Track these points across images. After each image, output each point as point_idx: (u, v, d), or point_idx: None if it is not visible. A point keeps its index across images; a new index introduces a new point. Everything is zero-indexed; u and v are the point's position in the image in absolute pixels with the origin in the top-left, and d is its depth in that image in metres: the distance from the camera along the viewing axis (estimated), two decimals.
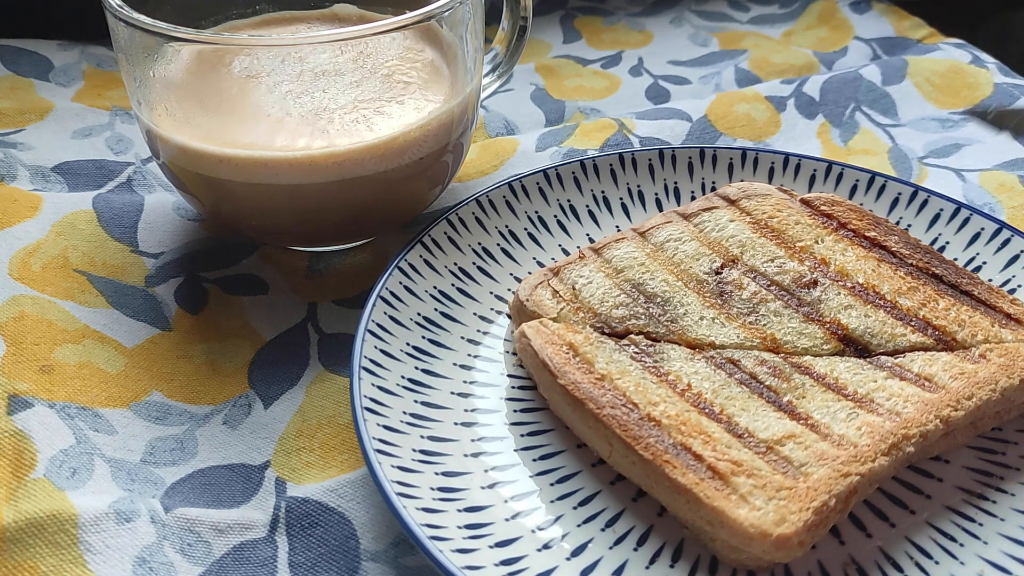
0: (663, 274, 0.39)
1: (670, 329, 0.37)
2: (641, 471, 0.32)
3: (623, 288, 0.39)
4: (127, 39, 0.39)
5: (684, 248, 0.41)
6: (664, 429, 0.32)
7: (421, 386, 0.37)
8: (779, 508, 0.30)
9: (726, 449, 0.32)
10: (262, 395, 0.39)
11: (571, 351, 0.36)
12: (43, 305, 0.41)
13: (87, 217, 0.47)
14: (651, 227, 0.42)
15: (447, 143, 0.43)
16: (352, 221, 0.44)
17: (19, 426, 0.35)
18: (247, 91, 0.41)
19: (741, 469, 0.31)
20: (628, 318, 0.37)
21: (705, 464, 0.31)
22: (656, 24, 0.73)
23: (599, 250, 0.41)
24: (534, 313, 0.38)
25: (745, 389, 0.34)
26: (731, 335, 0.37)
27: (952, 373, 0.35)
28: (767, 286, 0.39)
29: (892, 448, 0.32)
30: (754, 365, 0.35)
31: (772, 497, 0.30)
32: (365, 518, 0.34)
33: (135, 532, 0.33)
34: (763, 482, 0.30)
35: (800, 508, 0.30)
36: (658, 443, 0.32)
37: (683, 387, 0.34)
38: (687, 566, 0.31)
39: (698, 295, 0.38)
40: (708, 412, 0.33)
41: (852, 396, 0.34)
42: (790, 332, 0.37)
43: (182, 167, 0.41)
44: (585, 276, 0.40)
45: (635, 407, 0.33)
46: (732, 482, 0.30)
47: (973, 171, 0.53)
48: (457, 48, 0.43)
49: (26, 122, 0.55)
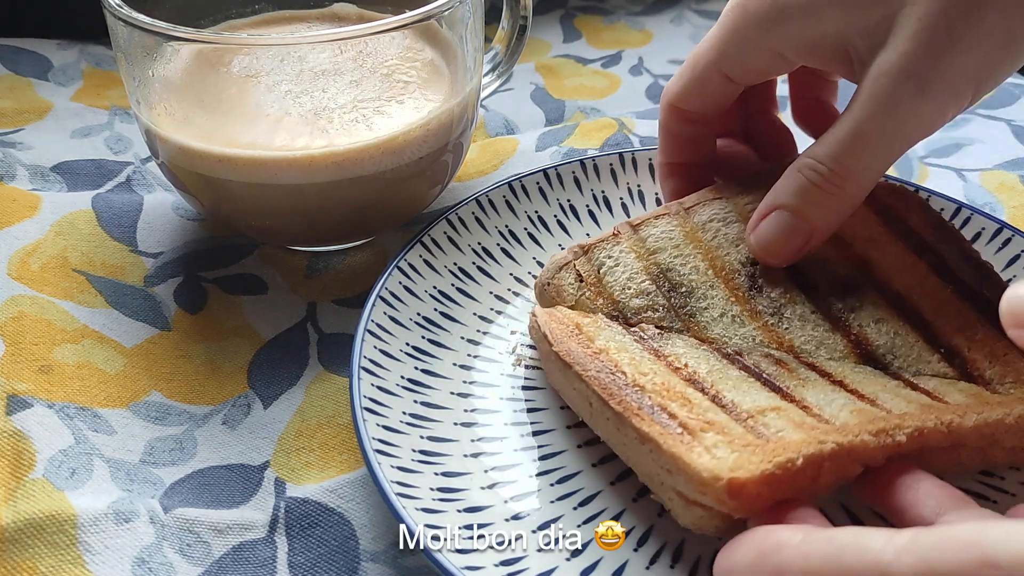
0: (696, 260, 0.38)
1: (687, 324, 0.36)
2: (613, 427, 0.31)
3: (650, 273, 0.37)
4: (126, 38, 0.39)
5: (726, 231, 0.39)
6: (646, 392, 0.31)
7: (421, 386, 0.37)
8: (739, 458, 0.28)
9: (703, 412, 0.30)
10: (261, 395, 0.39)
11: (576, 328, 0.35)
12: (42, 305, 0.41)
13: (86, 217, 0.47)
14: (698, 203, 0.40)
15: (447, 143, 0.43)
16: (352, 221, 0.44)
17: (18, 426, 0.35)
18: (246, 90, 0.41)
19: (712, 427, 0.29)
20: (645, 309, 0.36)
21: (677, 421, 0.30)
22: (656, 23, 0.73)
23: (637, 227, 0.39)
24: (553, 299, 0.38)
25: (744, 373, 0.33)
26: (747, 336, 0.35)
27: (967, 393, 0.32)
28: (800, 286, 0.37)
29: (881, 432, 0.29)
30: (760, 357, 0.34)
31: (736, 450, 0.28)
32: (365, 518, 0.34)
33: (134, 532, 0.33)
34: (731, 438, 0.29)
35: (761, 460, 0.27)
36: (634, 401, 0.31)
37: (679, 366, 0.33)
38: (687, 566, 0.31)
39: (726, 288, 0.37)
40: (697, 386, 0.32)
41: (855, 392, 0.32)
42: (810, 341, 0.35)
43: (181, 167, 0.41)
44: (614, 258, 0.38)
45: (623, 375, 0.32)
46: (699, 437, 0.29)
47: (974, 171, 0.53)
48: (457, 47, 0.43)
49: (25, 122, 0.55)
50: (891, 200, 0.40)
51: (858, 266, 0.37)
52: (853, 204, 0.35)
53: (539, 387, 0.38)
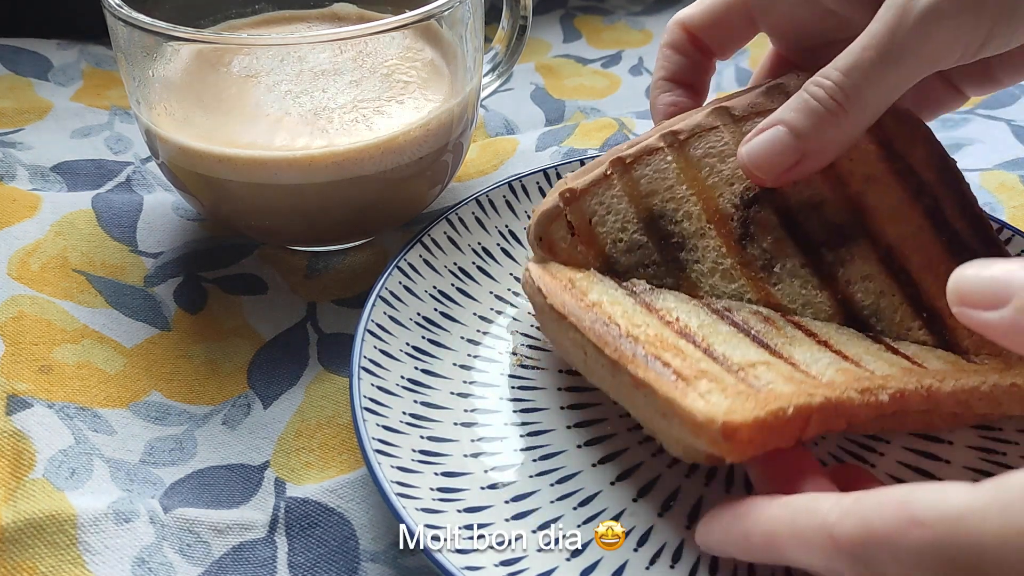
0: (689, 204, 0.37)
1: (677, 280, 0.36)
2: (608, 374, 0.32)
3: (642, 219, 0.37)
4: (126, 38, 0.39)
5: (721, 168, 0.37)
6: (639, 343, 0.32)
7: (421, 386, 0.37)
8: (733, 403, 0.29)
9: (696, 362, 0.31)
10: (261, 395, 0.39)
11: (569, 283, 0.35)
12: (42, 305, 0.41)
13: (86, 217, 0.47)
14: (692, 134, 0.38)
15: (447, 142, 0.43)
16: (352, 221, 0.44)
17: (18, 426, 0.35)
18: (246, 90, 0.41)
19: (705, 376, 0.30)
20: (636, 266, 0.37)
21: (671, 369, 0.30)
22: (656, 23, 0.73)
23: (630, 165, 0.38)
24: (545, 253, 0.38)
25: (733, 329, 0.34)
26: (737, 292, 0.36)
27: (945, 360, 0.34)
28: (793, 235, 0.36)
29: (865, 391, 0.30)
30: (749, 314, 0.35)
31: (729, 396, 0.29)
32: (365, 518, 0.34)
33: (134, 532, 0.33)
34: (723, 386, 0.30)
35: (754, 407, 0.28)
36: (629, 350, 0.31)
37: (671, 320, 0.34)
38: (687, 566, 0.31)
39: (717, 236, 0.36)
40: (689, 339, 0.33)
41: (839, 353, 0.33)
42: (797, 299, 0.36)
43: (181, 167, 0.41)
44: (605, 205, 0.37)
45: (617, 326, 0.32)
46: (693, 383, 0.30)
47: (974, 171, 0.53)
48: (457, 47, 0.43)
49: (25, 122, 0.55)
50: (896, 130, 0.38)
51: (853, 212, 0.36)
52: (853, 130, 0.34)
53: (539, 387, 0.38)
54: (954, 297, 0.27)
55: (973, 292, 0.26)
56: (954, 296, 0.27)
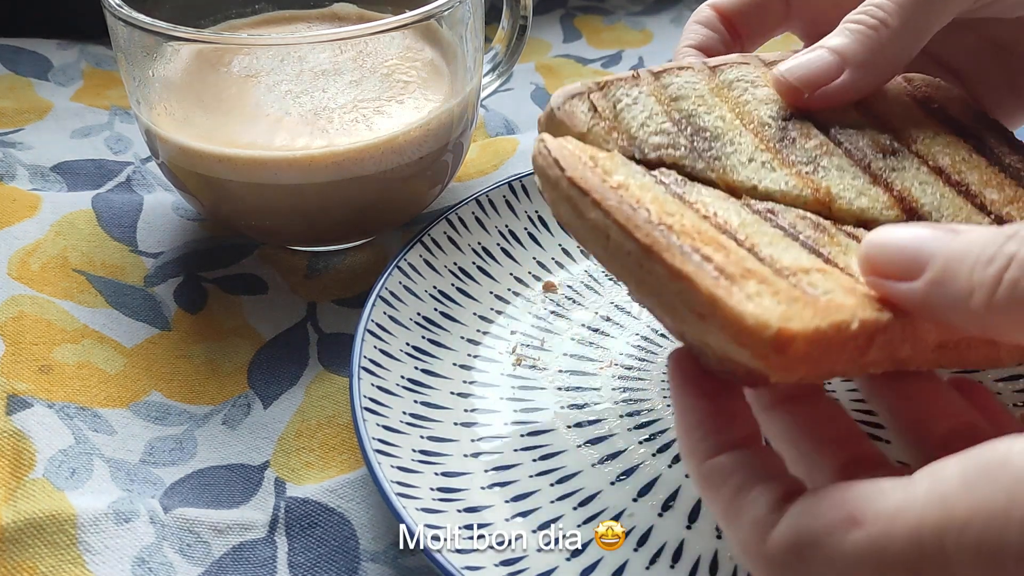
0: (722, 110, 0.33)
1: (711, 166, 0.31)
2: (635, 263, 0.27)
3: (671, 117, 0.33)
4: (126, 38, 0.39)
5: (755, 92, 0.35)
6: (674, 232, 0.26)
7: (421, 386, 0.37)
8: (788, 309, 0.24)
9: (742, 260, 0.26)
10: (261, 395, 0.39)
11: (591, 161, 0.30)
12: (42, 305, 0.41)
13: (86, 217, 0.47)
14: (723, 63, 0.36)
15: (447, 142, 0.43)
16: (352, 221, 0.44)
17: (18, 426, 0.35)
18: (246, 90, 0.41)
19: (753, 276, 0.25)
20: (666, 146, 0.32)
21: (713, 264, 0.25)
22: (656, 23, 0.73)
23: (658, 74, 0.35)
24: (561, 124, 0.33)
25: (779, 231, 0.29)
26: (779, 181, 0.31)
27: None
28: (838, 141, 0.33)
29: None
30: (796, 218, 0.30)
31: (783, 301, 0.24)
32: (365, 518, 0.34)
33: (134, 532, 0.33)
34: (775, 289, 0.25)
35: (814, 315, 0.24)
36: (663, 236, 0.26)
37: (707, 214, 0.29)
38: (687, 566, 0.31)
39: (755, 136, 0.33)
40: (730, 235, 0.28)
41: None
42: (849, 189, 0.31)
43: (181, 166, 0.41)
44: (632, 96, 0.33)
45: (647, 211, 0.27)
46: (740, 283, 0.25)
47: None
48: (457, 47, 0.43)
49: (25, 121, 0.55)
50: (932, 91, 0.36)
51: (897, 137, 0.34)
52: (897, 50, 0.32)
53: (539, 387, 0.38)
54: (864, 265, 0.24)
55: (883, 260, 0.24)
56: (864, 264, 0.24)
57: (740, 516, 0.23)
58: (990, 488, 0.19)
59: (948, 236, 0.23)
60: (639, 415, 0.36)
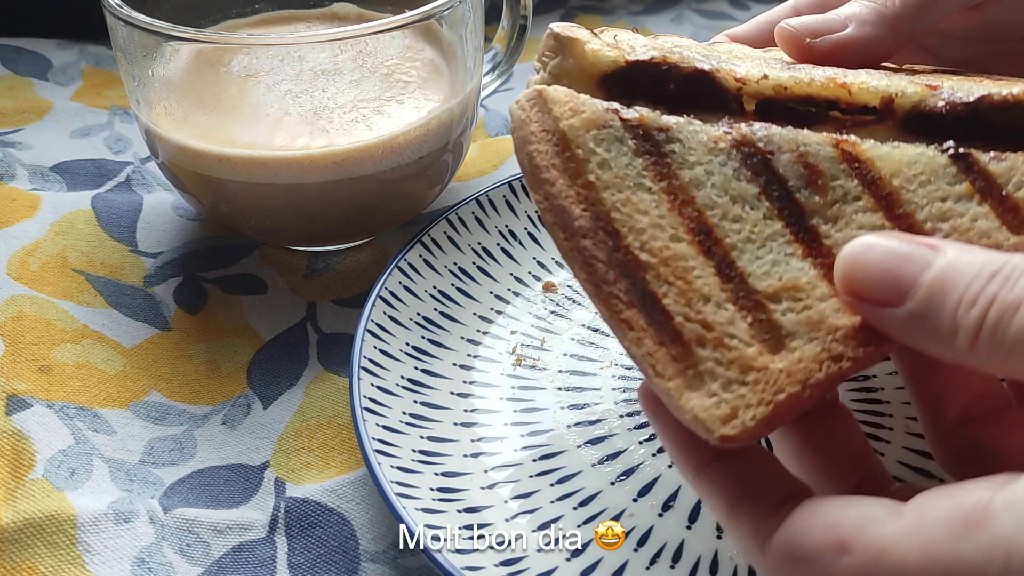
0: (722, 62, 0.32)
1: (714, 66, 0.30)
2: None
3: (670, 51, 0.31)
4: (126, 38, 0.39)
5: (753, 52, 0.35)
6: (640, 267, 0.26)
7: (421, 386, 0.37)
8: (735, 399, 0.24)
9: (701, 306, 0.26)
10: (261, 395, 0.39)
11: (562, 145, 0.28)
12: (42, 305, 0.41)
13: (86, 217, 0.47)
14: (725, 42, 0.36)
15: (447, 142, 0.43)
16: (352, 221, 0.44)
17: (18, 426, 0.35)
18: (246, 90, 0.41)
19: (711, 337, 0.25)
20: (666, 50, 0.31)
21: (671, 325, 0.25)
22: (656, 23, 0.73)
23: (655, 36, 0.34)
24: (567, 40, 0.31)
25: (765, 204, 0.28)
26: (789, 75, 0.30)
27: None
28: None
29: None
30: (791, 162, 0.28)
31: (733, 382, 0.25)
32: (365, 518, 0.34)
33: (134, 532, 0.33)
34: (730, 358, 0.25)
35: (760, 401, 0.24)
36: (623, 294, 0.26)
37: (685, 198, 0.28)
38: (687, 566, 0.31)
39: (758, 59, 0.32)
40: (702, 242, 0.27)
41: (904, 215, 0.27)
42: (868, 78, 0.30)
43: (181, 166, 0.41)
44: (631, 37, 0.33)
45: (615, 234, 0.27)
46: (694, 353, 0.25)
47: None
48: (457, 47, 0.43)
49: (25, 121, 0.55)
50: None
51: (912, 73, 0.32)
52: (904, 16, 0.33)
53: (539, 387, 0.38)
54: (842, 283, 0.23)
55: (862, 281, 0.23)
56: (842, 281, 0.23)
57: (739, 527, 0.24)
58: (969, 545, 0.19)
59: (929, 256, 0.22)
60: (639, 415, 0.36)
